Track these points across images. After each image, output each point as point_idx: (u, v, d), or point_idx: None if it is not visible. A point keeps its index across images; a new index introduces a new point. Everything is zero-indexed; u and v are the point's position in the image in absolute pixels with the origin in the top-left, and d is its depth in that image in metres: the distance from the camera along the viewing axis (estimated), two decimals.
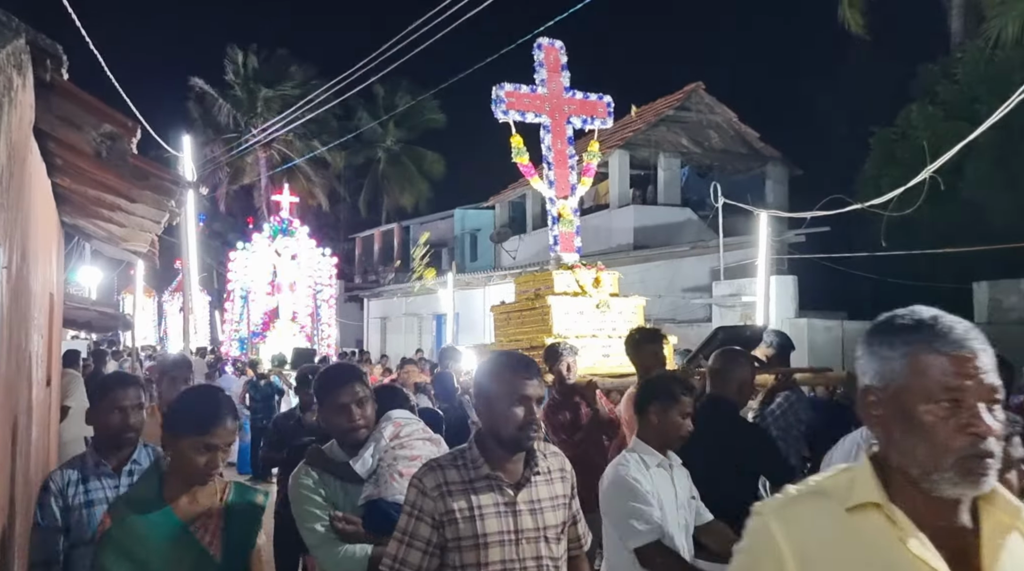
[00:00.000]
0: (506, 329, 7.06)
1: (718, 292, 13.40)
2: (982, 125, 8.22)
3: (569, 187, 7.28)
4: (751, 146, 19.35)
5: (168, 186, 4.26)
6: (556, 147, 7.20)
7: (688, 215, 18.31)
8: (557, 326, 6.39)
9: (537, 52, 7.28)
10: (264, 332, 18.81)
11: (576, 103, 7.33)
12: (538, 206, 21.51)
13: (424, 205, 34.66)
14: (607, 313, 6.62)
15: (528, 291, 7.05)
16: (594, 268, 6.91)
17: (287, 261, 19.28)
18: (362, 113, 33.31)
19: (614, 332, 6.51)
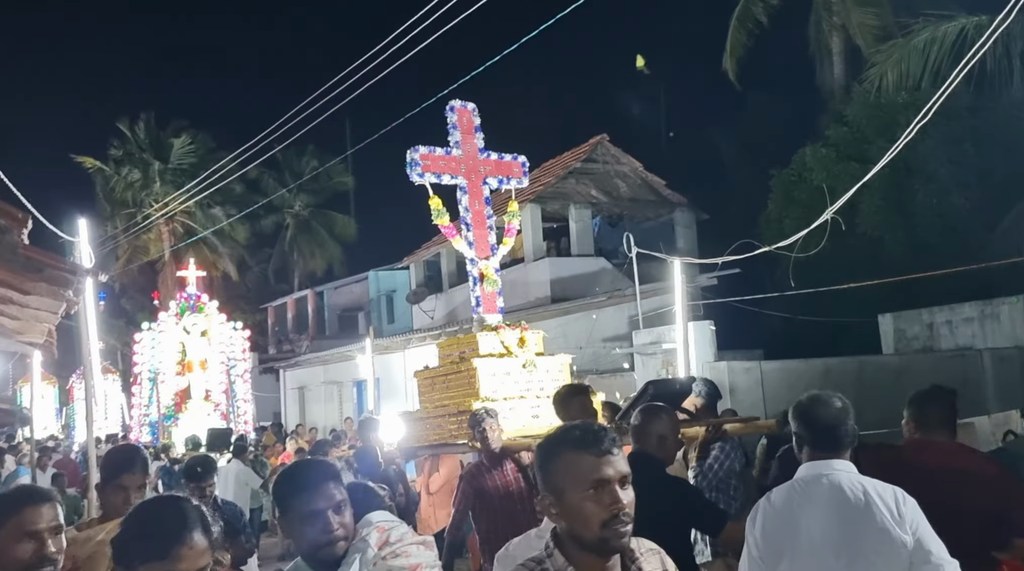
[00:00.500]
0: (431, 394, 6.87)
1: (638, 341, 13.52)
2: (875, 165, 8.58)
3: (489, 247, 7.20)
4: (658, 193, 19.82)
5: (64, 276, 4.02)
6: (474, 208, 7.14)
7: (602, 265, 18.54)
8: (484, 389, 6.20)
9: (450, 114, 7.23)
10: (176, 414, 18.07)
11: (491, 164, 7.30)
12: (453, 264, 21.45)
13: (337, 269, 34.23)
14: (534, 373, 6.50)
15: (452, 354, 6.86)
16: (518, 328, 6.78)
17: (196, 338, 18.67)
18: (268, 179, 32.88)
19: (542, 392, 6.41)
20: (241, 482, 10.92)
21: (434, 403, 6.75)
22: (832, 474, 2.78)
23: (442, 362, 6.97)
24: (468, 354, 6.57)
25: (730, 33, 18.02)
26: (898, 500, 2.69)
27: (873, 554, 2.61)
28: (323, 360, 23.14)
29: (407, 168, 6.83)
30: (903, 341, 12.67)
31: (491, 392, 6.21)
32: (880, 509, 2.65)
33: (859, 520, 2.65)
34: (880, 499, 2.68)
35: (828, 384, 10.08)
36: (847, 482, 2.75)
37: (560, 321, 15.89)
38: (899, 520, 2.63)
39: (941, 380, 6.25)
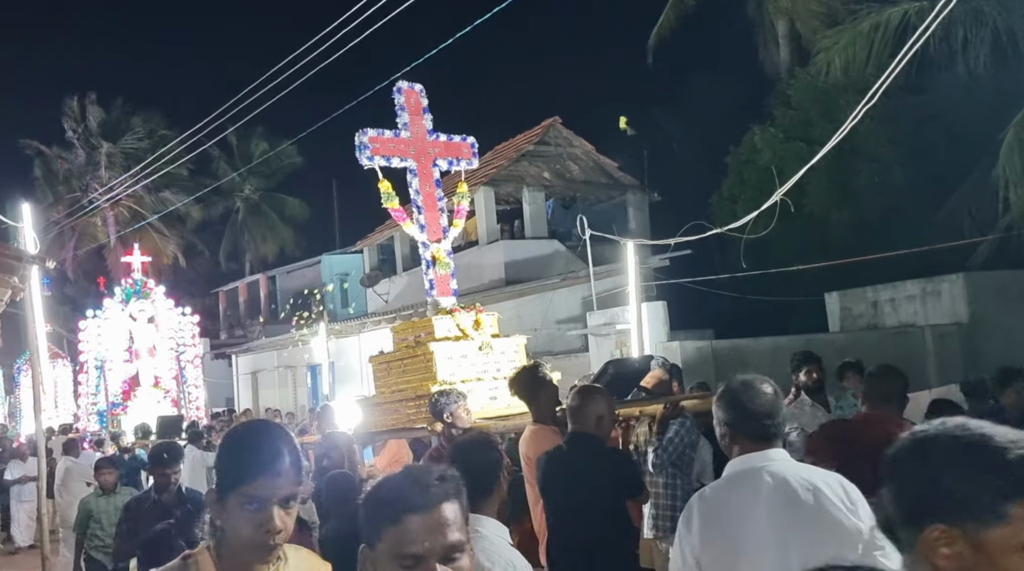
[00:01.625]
0: (387, 379, 6.84)
1: (592, 322, 13.67)
2: (820, 147, 8.78)
3: (441, 230, 7.15)
4: (610, 176, 19.97)
5: (9, 263, 3.96)
6: (424, 190, 7.06)
7: (556, 247, 18.66)
8: (441, 372, 6.19)
9: (397, 96, 7.12)
10: (125, 402, 17.73)
11: (441, 146, 7.23)
12: (407, 247, 21.38)
13: (290, 253, 33.85)
14: (490, 354, 6.50)
15: (408, 339, 6.82)
16: (473, 310, 6.78)
17: (144, 325, 18.36)
18: (217, 163, 32.30)
19: (499, 373, 6.42)
20: (199, 468, 10.84)
21: (390, 388, 6.70)
22: (770, 465, 2.57)
23: (397, 347, 6.92)
24: (424, 338, 6.53)
25: (664, 12, 18.22)
26: (844, 487, 2.55)
27: (833, 546, 2.37)
28: (276, 345, 22.95)
29: (356, 151, 6.74)
30: (849, 319, 13.02)
31: (448, 375, 6.19)
32: (831, 498, 2.50)
33: (814, 512, 2.48)
34: (829, 488, 2.52)
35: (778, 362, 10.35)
36: (792, 473, 2.56)
37: (515, 303, 15.99)
38: (852, 507, 2.49)
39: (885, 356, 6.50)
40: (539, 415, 4.76)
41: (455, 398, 5.31)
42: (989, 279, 11.86)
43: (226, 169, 31.40)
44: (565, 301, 16.32)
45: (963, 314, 11.52)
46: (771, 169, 10.95)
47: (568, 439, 4.12)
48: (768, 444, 2.59)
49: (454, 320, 6.58)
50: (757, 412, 2.59)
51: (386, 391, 6.76)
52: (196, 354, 19.48)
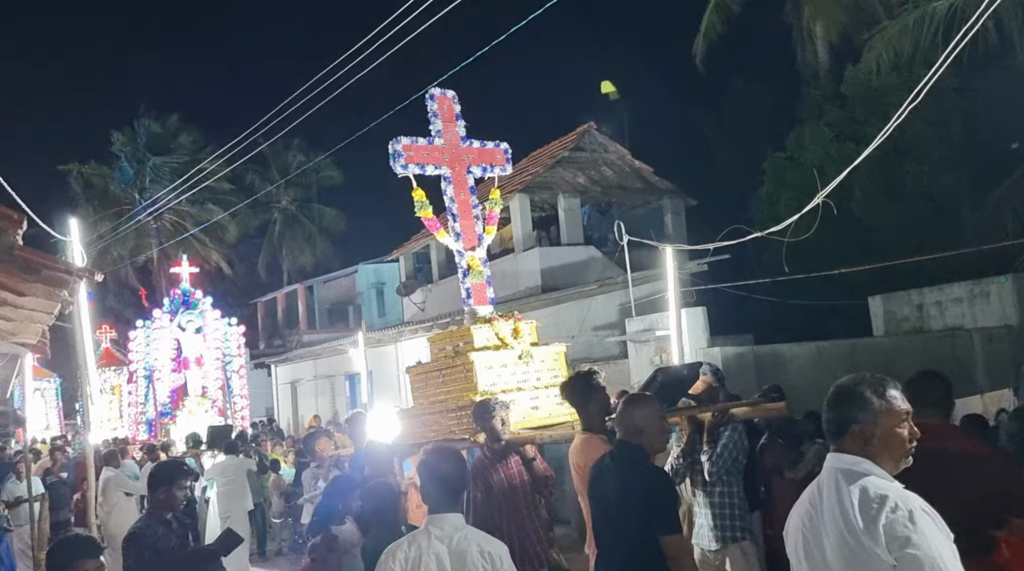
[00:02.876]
0: (425, 390, 6.73)
1: (631, 329, 13.52)
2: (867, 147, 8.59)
3: (476, 238, 7.05)
4: (646, 180, 19.81)
5: (60, 277, 3.98)
6: (459, 198, 6.98)
7: (592, 253, 18.54)
8: (482, 382, 6.06)
9: (430, 103, 7.07)
10: (173, 411, 17.89)
11: (474, 152, 7.16)
12: (443, 255, 21.40)
13: (326, 263, 34.13)
14: (530, 363, 6.37)
15: (446, 348, 6.69)
16: (511, 318, 6.63)
17: (191, 335, 18.58)
18: (253, 176, 32.71)
19: (539, 382, 6.33)
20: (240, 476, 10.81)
21: (429, 399, 6.58)
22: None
23: (435, 357, 6.78)
24: (463, 348, 6.41)
25: (706, 16, 18.03)
26: None
27: None
28: (314, 354, 23.10)
29: (390, 160, 6.68)
30: (893, 323, 12.73)
31: (489, 385, 6.08)
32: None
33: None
34: None
35: (820, 367, 10.14)
36: None
37: (552, 310, 15.90)
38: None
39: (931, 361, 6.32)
40: (589, 423, 4.67)
41: (494, 407, 5.26)
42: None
43: (264, 182, 31.78)
44: (603, 308, 16.18)
45: (1013, 316, 11.21)
46: (813, 170, 10.74)
47: (615, 449, 4.05)
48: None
49: (493, 329, 6.46)
50: None
51: (425, 402, 6.65)
52: (241, 364, 19.74)
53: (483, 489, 5.14)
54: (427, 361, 7.00)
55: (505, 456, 5.26)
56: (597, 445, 4.45)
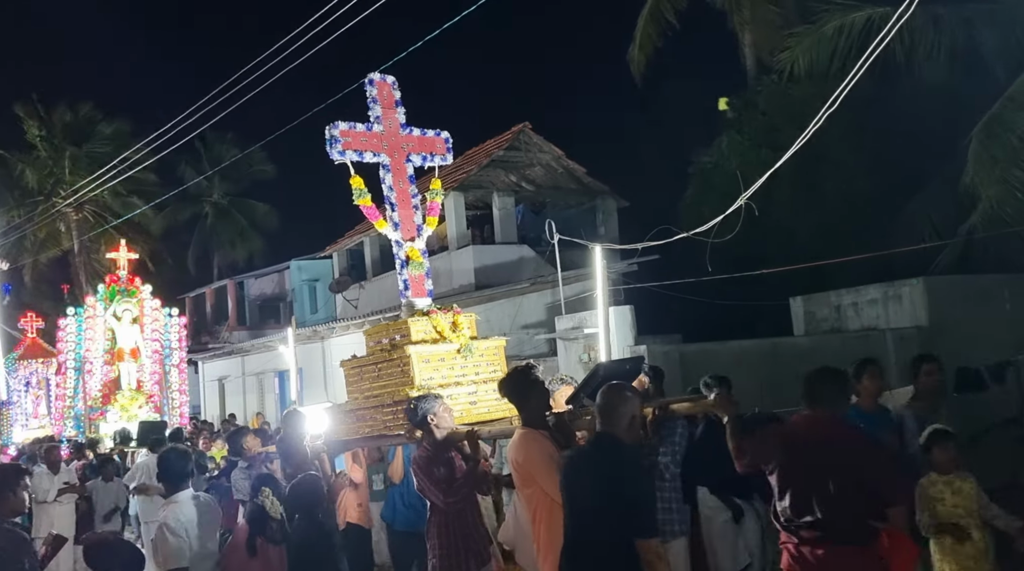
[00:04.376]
0: (360, 384, 6.43)
1: (560, 326, 13.67)
2: (785, 153, 8.88)
3: (415, 228, 6.76)
4: (580, 181, 20.05)
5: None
6: (398, 187, 6.71)
7: (526, 252, 18.69)
8: (419, 377, 5.88)
9: (369, 88, 6.79)
10: (104, 406, 16.72)
11: (414, 140, 6.91)
12: (377, 252, 21.31)
13: (258, 259, 33.59)
14: (469, 358, 6.19)
15: (382, 342, 6.43)
16: (450, 312, 6.45)
17: (127, 325, 17.42)
18: (184, 168, 31.96)
19: (477, 376, 6.17)
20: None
21: (364, 393, 6.37)
22: None
23: (371, 350, 6.55)
24: (400, 341, 6.19)
25: (640, 26, 18.29)
26: None
27: None
28: (244, 351, 22.73)
29: (327, 146, 6.39)
30: (813, 323, 13.15)
31: (426, 380, 5.90)
32: None
33: None
34: None
35: (743, 366, 10.44)
36: None
37: (484, 308, 15.98)
38: None
39: (848, 360, 6.57)
40: (529, 419, 4.61)
41: (433, 400, 5.17)
42: (948, 283, 12.04)
43: (194, 175, 31.08)
44: (534, 306, 16.34)
45: (923, 318, 11.69)
46: (736, 175, 11.05)
47: (594, 440, 3.95)
48: None
49: (431, 322, 6.25)
50: None
51: (359, 396, 6.42)
52: (181, 358, 18.69)
53: (431, 483, 4.98)
54: (362, 355, 6.72)
55: (445, 451, 5.16)
56: (539, 440, 4.41)
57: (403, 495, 7.03)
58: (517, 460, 4.46)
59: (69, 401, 17.30)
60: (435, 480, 4.94)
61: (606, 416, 3.84)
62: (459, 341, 6.19)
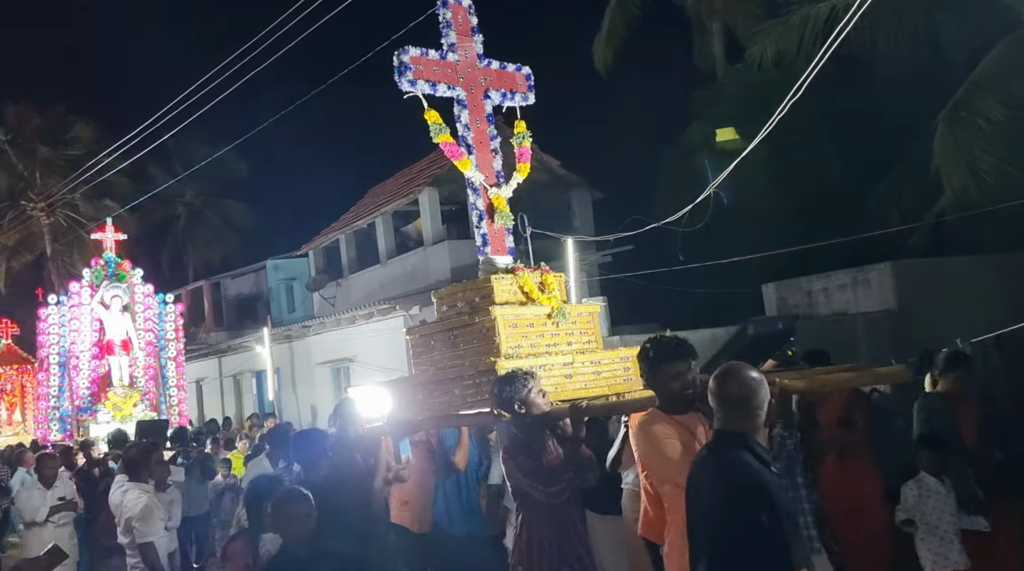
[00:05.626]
0: (430, 356, 5.53)
1: None
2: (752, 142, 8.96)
3: (495, 174, 5.83)
4: (554, 174, 20.05)
5: None
6: (475, 126, 5.74)
7: None
8: (506, 344, 5.01)
9: (443, 10, 5.88)
10: (94, 405, 14.99)
11: (493, 74, 5.94)
12: (353, 250, 21.26)
13: (234, 259, 33.34)
14: (562, 323, 5.33)
15: (457, 305, 5.54)
16: (537, 270, 5.55)
17: (117, 314, 15.49)
18: (156, 169, 31.66)
19: (570, 346, 5.29)
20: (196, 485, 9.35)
21: (437, 365, 5.48)
22: None
23: (443, 316, 5.65)
24: (480, 303, 5.30)
25: (608, 17, 18.33)
26: None
27: None
28: (220, 352, 22.61)
29: (395, 75, 5.42)
30: (785, 308, 13.29)
31: (514, 348, 5.05)
32: None
33: None
34: None
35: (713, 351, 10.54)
36: None
37: None
38: None
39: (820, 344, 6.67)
40: (659, 399, 3.81)
41: (524, 381, 4.27)
42: (916, 267, 12.22)
43: (164, 175, 30.77)
44: None
45: (892, 301, 11.85)
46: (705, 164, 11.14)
47: (712, 442, 3.07)
48: None
49: (517, 281, 5.38)
50: None
51: (431, 369, 5.50)
52: (179, 350, 16.85)
53: (527, 478, 4.17)
54: (433, 321, 5.85)
55: (541, 436, 4.34)
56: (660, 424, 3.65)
57: (461, 490, 5.99)
58: (635, 448, 3.84)
59: (53, 401, 15.48)
60: (529, 472, 4.16)
61: (721, 404, 2.94)
62: (550, 304, 5.32)
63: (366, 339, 17.11)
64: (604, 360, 5.21)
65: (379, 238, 19.93)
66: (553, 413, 4.34)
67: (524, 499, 4.23)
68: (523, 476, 4.15)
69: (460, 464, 5.93)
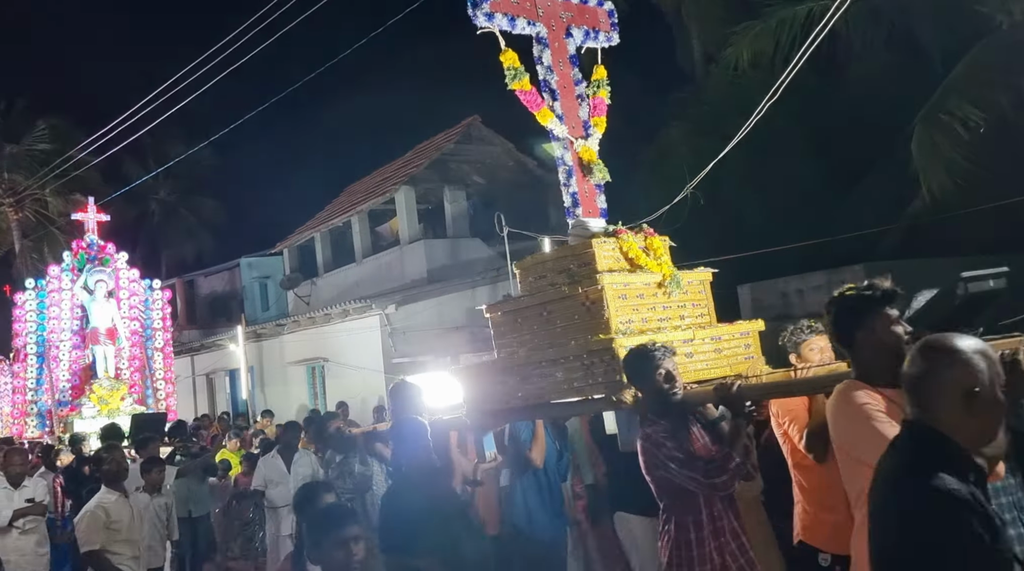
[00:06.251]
0: (518, 336, 4.68)
1: None
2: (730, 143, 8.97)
3: (581, 124, 5.02)
4: (531, 173, 20.05)
5: None
6: (558, 69, 4.95)
7: (478, 245, 18.65)
8: (616, 319, 4.19)
9: None
10: (76, 399, 13.98)
11: (574, 9, 5.17)
12: (328, 249, 21.12)
13: (207, 257, 33.03)
14: (675, 294, 4.52)
15: (549, 276, 4.68)
16: (640, 232, 4.74)
17: (101, 300, 14.45)
18: (129, 166, 31.26)
19: (683, 320, 4.50)
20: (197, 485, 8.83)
21: (526, 345, 4.65)
22: None
23: (531, 289, 4.79)
24: (581, 272, 4.47)
25: None
26: None
27: None
28: (193, 350, 22.36)
29: (469, 7, 4.68)
30: (760, 310, 13.29)
31: (624, 323, 4.22)
32: None
33: None
34: None
35: None
36: None
37: (436, 302, 15.95)
38: None
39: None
40: (858, 367, 3.03)
41: (663, 357, 3.67)
42: (889, 268, 12.25)
43: (138, 171, 30.39)
44: (486, 299, 16.33)
45: None
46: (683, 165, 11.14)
47: (902, 436, 2.21)
48: None
49: (621, 245, 4.56)
50: None
51: (520, 351, 4.66)
52: (167, 340, 15.79)
53: (689, 470, 3.55)
54: (519, 295, 5.01)
55: (684, 422, 3.76)
56: (862, 396, 2.83)
57: (542, 489, 5.27)
58: (830, 423, 3.00)
59: (31, 395, 14.33)
60: (688, 458, 3.57)
61: (911, 392, 2.15)
62: (660, 271, 4.52)
63: (341, 338, 16.98)
64: (724, 336, 4.52)
65: (355, 237, 19.80)
66: (695, 395, 3.75)
67: (674, 495, 3.62)
68: (679, 468, 3.52)
69: (537, 460, 5.24)
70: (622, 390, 3.91)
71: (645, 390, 3.70)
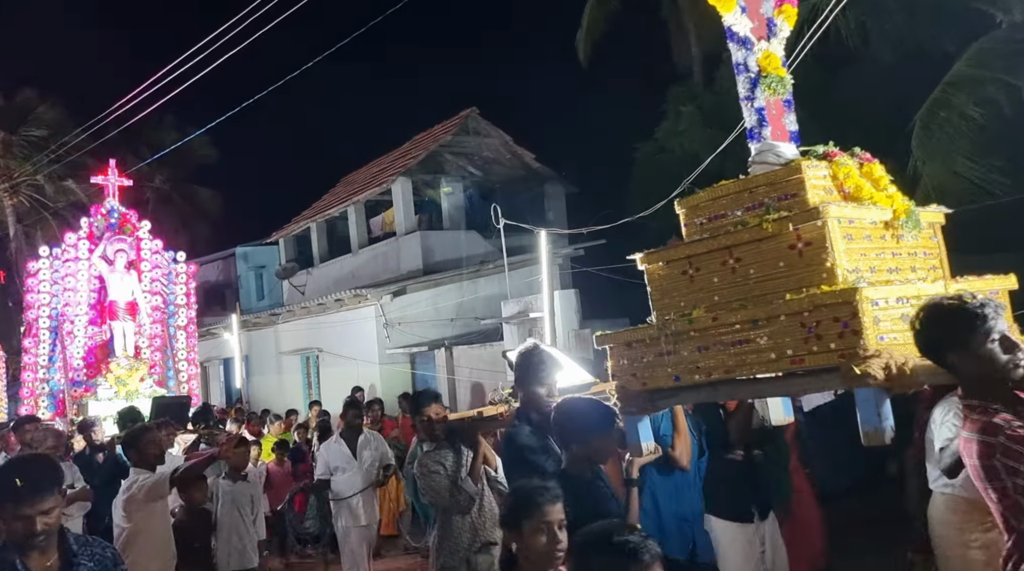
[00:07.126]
0: (689, 293, 3.53)
1: (506, 311, 13.64)
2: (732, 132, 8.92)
3: (766, 22, 3.79)
4: (529, 167, 19.98)
5: None
6: None
7: (474, 238, 18.59)
8: (844, 262, 3.12)
9: None
10: (92, 379, 12.88)
11: None
12: (324, 239, 21.05)
13: (202, 245, 32.90)
14: (909, 237, 3.43)
15: (734, 213, 3.49)
16: (855, 157, 3.59)
17: (121, 272, 13.32)
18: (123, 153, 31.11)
19: (914, 272, 3.41)
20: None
21: (706, 304, 3.44)
22: None
23: (708, 229, 3.59)
24: (785, 205, 3.31)
25: (587, 10, 18.22)
26: None
27: None
28: None
29: None
30: None
31: (850, 271, 3.12)
32: None
33: None
34: None
35: None
36: None
37: (432, 293, 15.91)
38: None
39: None
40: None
41: (989, 317, 2.55)
42: None
43: (136, 160, 30.26)
44: (482, 290, 16.29)
45: None
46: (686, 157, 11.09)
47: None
48: None
49: (835, 171, 3.46)
50: None
51: (696, 312, 3.43)
52: (190, 318, 14.54)
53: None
54: (690, 240, 3.66)
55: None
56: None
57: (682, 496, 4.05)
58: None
59: (43, 373, 13.11)
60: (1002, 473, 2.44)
61: None
62: (891, 205, 3.40)
63: (336, 328, 16.92)
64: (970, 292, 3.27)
65: (351, 227, 19.73)
66: None
67: None
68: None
69: (683, 459, 4.06)
70: (867, 359, 2.82)
71: (964, 361, 2.57)
